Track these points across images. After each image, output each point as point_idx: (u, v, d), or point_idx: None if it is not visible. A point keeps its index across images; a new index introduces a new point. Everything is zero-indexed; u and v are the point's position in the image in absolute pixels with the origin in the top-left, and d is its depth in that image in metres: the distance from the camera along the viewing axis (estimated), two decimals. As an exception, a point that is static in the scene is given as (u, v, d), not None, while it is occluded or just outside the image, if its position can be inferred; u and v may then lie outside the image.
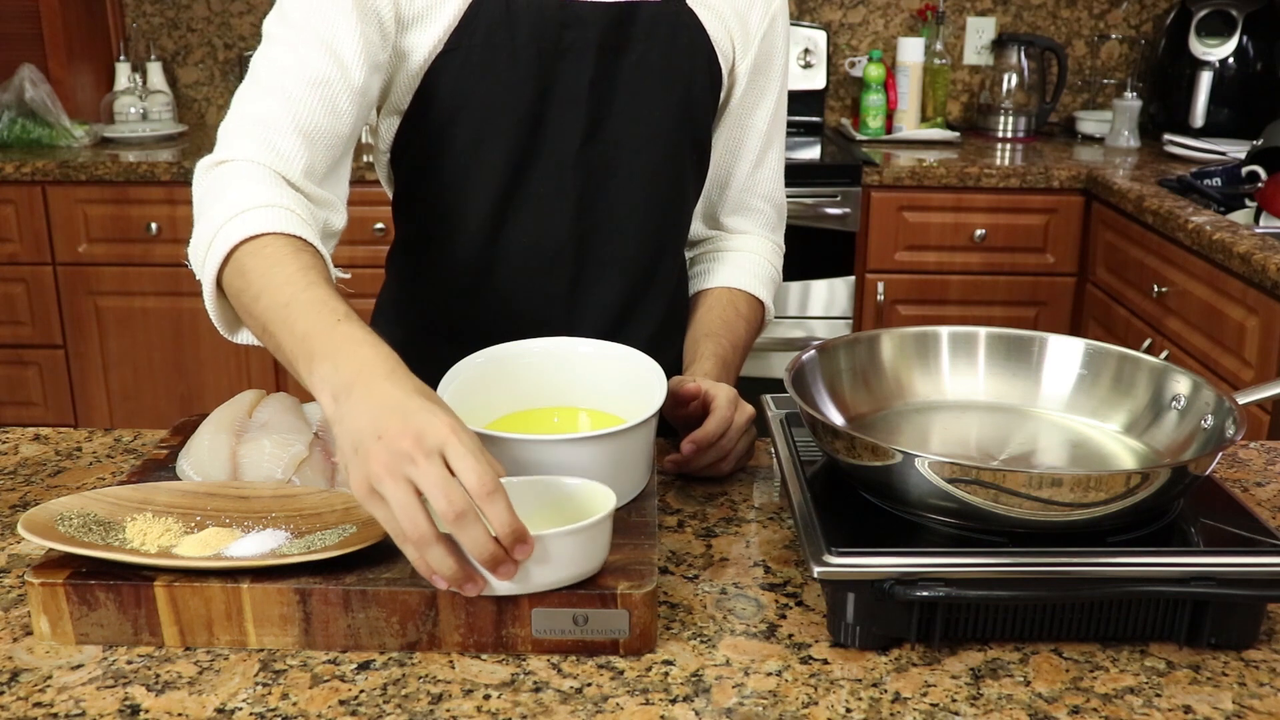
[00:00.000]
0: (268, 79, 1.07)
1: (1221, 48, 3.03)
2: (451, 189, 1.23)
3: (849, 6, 3.40)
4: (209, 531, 0.88)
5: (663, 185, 1.26)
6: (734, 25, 1.24)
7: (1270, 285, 1.99)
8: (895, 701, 0.79)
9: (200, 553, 0.85)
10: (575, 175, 1.21)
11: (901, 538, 0.87)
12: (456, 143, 1.20)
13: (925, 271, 2.90)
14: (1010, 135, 3.28)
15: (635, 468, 0.97)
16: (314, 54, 1.07)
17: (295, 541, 0.87)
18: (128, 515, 0.90)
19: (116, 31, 3.38)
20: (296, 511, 0.91)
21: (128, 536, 0.87)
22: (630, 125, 1.21)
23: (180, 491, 0.94)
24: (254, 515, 0.91)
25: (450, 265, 1.26)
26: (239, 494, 0.94)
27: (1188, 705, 0.79)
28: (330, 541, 0.86)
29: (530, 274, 1.25)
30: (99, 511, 0.90)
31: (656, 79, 1.21)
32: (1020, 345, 1.09)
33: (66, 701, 0.78)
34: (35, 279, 2.92)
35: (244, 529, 0.89)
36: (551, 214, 1.23)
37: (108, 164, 2.82)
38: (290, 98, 1.06)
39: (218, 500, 0.93)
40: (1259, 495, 1.10)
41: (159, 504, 0.92)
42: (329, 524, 0.89)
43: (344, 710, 0.77)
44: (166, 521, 0.89)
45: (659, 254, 1.29)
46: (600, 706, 0.78)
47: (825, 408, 1.03)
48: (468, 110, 1.18)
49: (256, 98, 1.07)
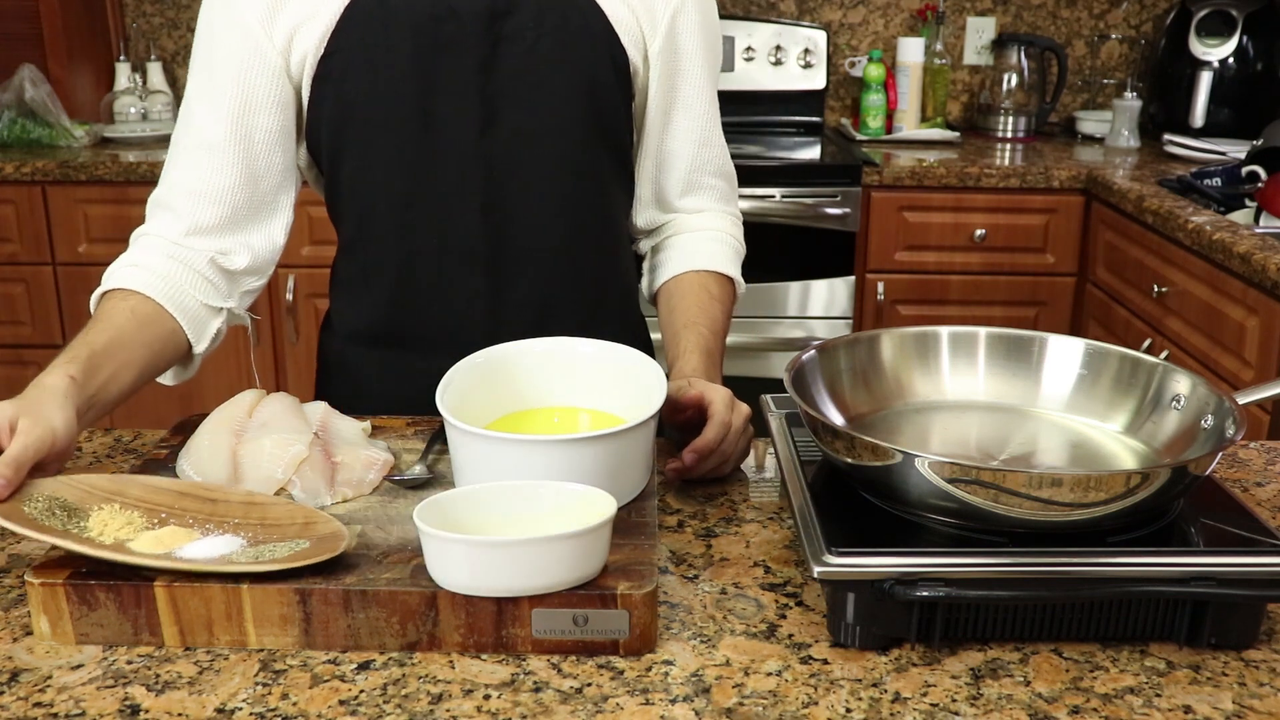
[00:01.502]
0: (169, 155, 1.23)
1: (1221, 48, 3.03)
2: (358, 194, 1.25)
3: (849, 6, 3.40)
4: (167, 530, 0.88)
5: (574, 174, 1.25)
6: (638, 6, 1.23)
7: (1270, 285, 1.99)
8: (895, 701, 0.79)
9: (152, 549, 0.85)
10: (477, 169, 1.21)
11: (901, 538, 0.87)
12: (353, 147, 1.21)
13: (925, 271, 2.90)
14: (1010, 135, 3.28)
15: (635, 468, 0.97)
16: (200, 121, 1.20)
17: (247, 550, 0.87)
18: (95, 504, 0.90)
19: (116, 31, 3.37)
20: (259, 520, 0.92)
21: (89, 525, 0.88)
22: (529, 115, 1.21)
23: (154, 488, 0.94)
24: (216, 519, 0.91)
25: (370, 271, 1.28)
26: (209, 497, 0.94)
27: (1188, 705, 0.79)
28: (280, 554, 0.85)
29: (447, 272, 1.25)
30: (69, 497, 0.91)
31: (552, 66, 1.20)
32: (1020, 345, 1.09)
33: (66, 701, 0.78)
34: (35, 279, 2.92)
35: (204, 531, 0.89)
36: (457, 210, 1.23)
37: (108, 164, 2.82)
38: (178, 166, 1.22)
39: (187, 500, 0.93)
40: (1259, 495, 1.10)
41: (130, 497, 0.92)
42: (286, 536, 0.89)
43: (344, 710, 0.77)
44: (130, 515, 0.90)
45: (578, 245, 1.28)
46: (600, 706, 0.78)
47: (825, 408, 1.03)
48: (355, 113, 1.20)
49: (165, 173, 1.24)
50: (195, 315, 1.18)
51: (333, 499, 0.97)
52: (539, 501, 0.87)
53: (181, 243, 1.20)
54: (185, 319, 1.17)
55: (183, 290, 1.17)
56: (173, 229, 1.20)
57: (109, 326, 1.11)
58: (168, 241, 1.20)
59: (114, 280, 1.16)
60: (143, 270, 1.16)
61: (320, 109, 1.20)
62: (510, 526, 0.87)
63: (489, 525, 0.86)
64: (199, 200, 1.20)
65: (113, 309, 1.14)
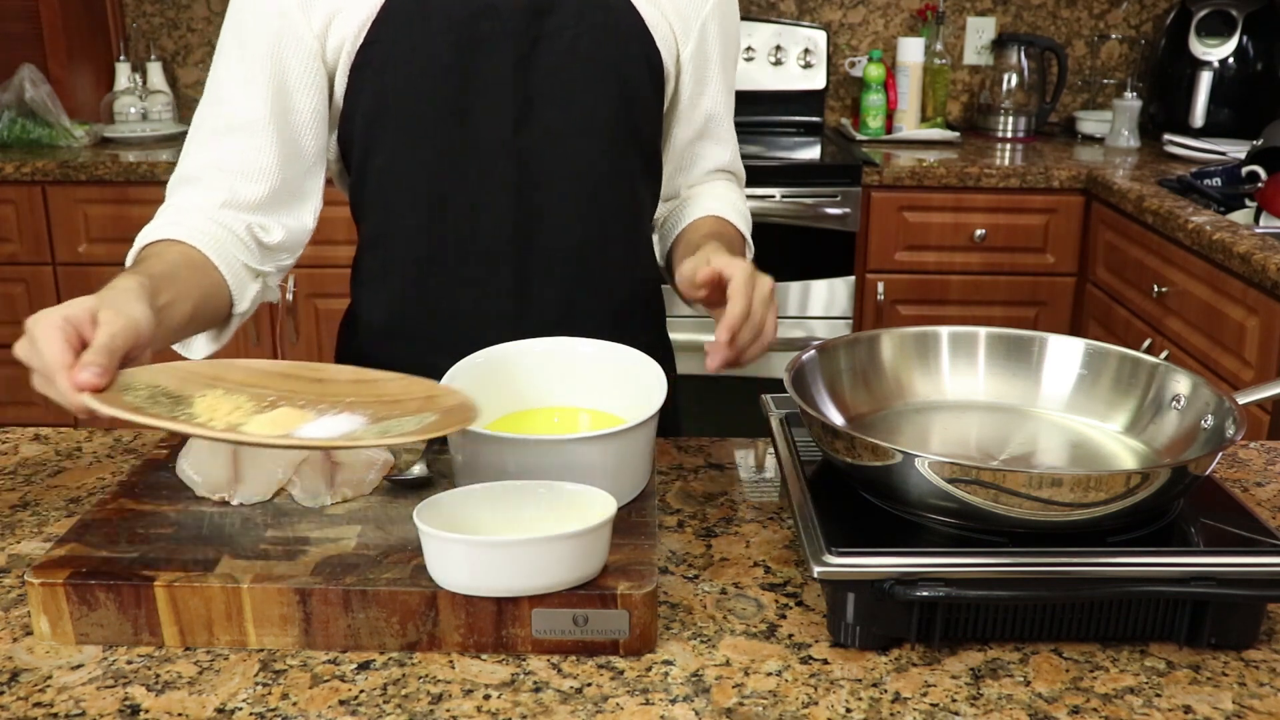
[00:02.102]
0: (194, 136, 1.20)
1: (1221, 48, 3.03)
2: (387, 187, 1.24)
3: (849, 6, 3.40)
4: (281, 411, 0.84)
5: (605, 174, 1.25)
6: (671, 11, 1.24)
7: (1270, 285, 1.99)
8: (895, 701, 0.79)
9: (270, 431, 0.81)
10: (509, 165, 1.21)
11: (901, 538, 0.87)
12: (387, 139, 1.21)
13: (925, 271, 2.90)
14: (1010, 135, 3.28)
15: (635, 468, 0.97)
16: (234, 101, 1.18)
17: (371, 426, 0.83)
18: (197, 390, 0.86)
19: (116, 31, 3.38)
20: (376, 397, 0.87)
21: (196, 412, 0.83)
22: (562, 113, 1.21)
23: (256, 371, 0.89)
24: (330, 399, 0.87)
25: (396, 266, 1.27)
26: (316, 377, 0.89)
27: (1187, 705, 0.79)
28: (409, 428, 0.82)
29: (473, 269, 1.25)
30: (168, 384, 0.86)
31: (588, 66, 1.20)
32: (1020, 345, 1.09)
33: (66, 701, 0.78)
34: (35, 279, 2.92)
35: (318, 411, 0.85)
36: (488, 206, 1.22)
37: (108, 164, 2.82)
38: (207, 147, 1.18)
39: (294, 382, 0.88)
40: (1259, 495, 1.10)
41: (231, 381, 0.88)
42: (409, 411, 0.85)
43: (344, 710, 0.77)
44: (237, 399, 0.85)
45: (605, 245, 1.28)
46: (600, 706, 0.78)
47: (825, 408, 1.03)
48: (392, 105, 1.19)
49: (183, 157, 1.20)
50: (238, 274, 1.14)
51: (333, 499, 0.97)
52: (539, 501, 0.87)
53: (217, 213, 1.15)
54: (230, 275, 1.12)
55: (226, 248, 1.13)
56: (207, 201, 1.16)
57: (161, 262, 1.06)
58: (202, 211, 1.15)
59: (154, 233, 1.11)
60: (185, 226, 1.12)
61: (356, 98, 1.20)
62: (510, 526, 0.87)
63: (489, 525, 0.86)
64: (235, 177, 1.17)
65: (162, 249, 1.09)
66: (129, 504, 0.95)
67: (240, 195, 1.16)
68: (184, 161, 1.20)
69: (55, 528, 1.02)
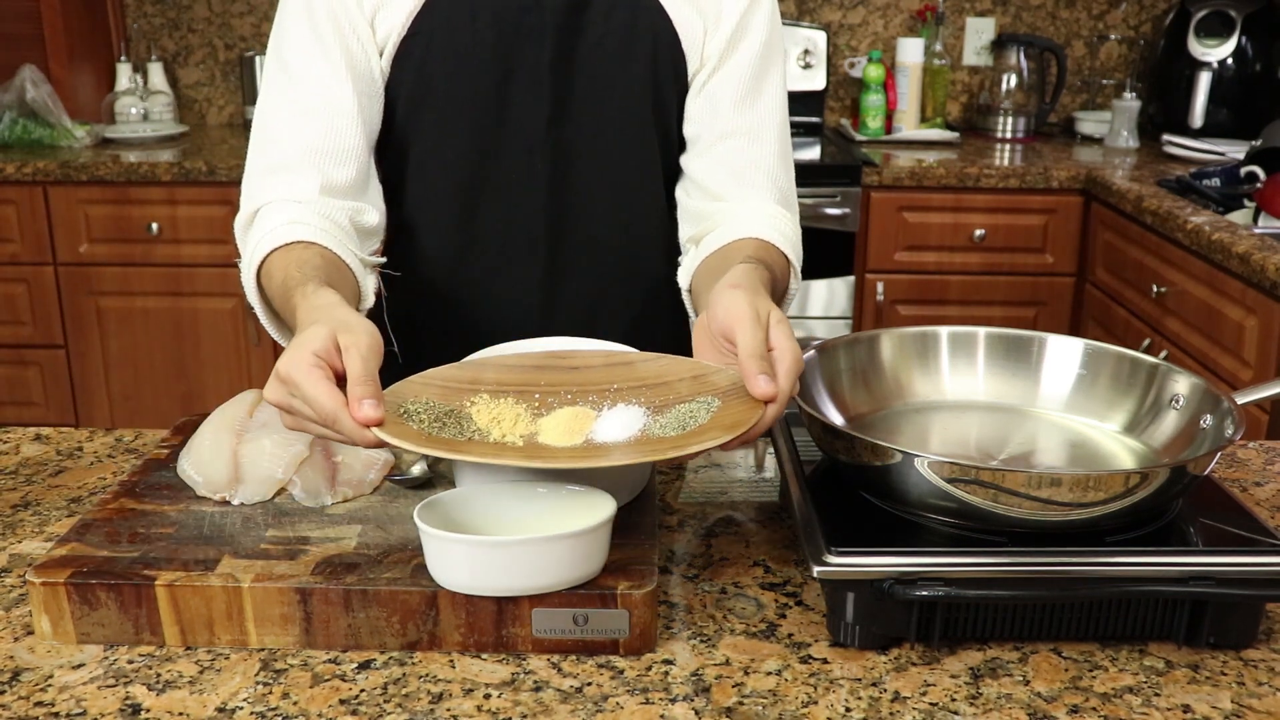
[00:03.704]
0: (271, 121, 1.17)
1: (1220, 48, 3.04)
2: (423, 178, 1.24)
3: (849, 7, 3.41)
4: (564, 413, 0.80)
5: (630, 169, 1.26)
6: (705, 5, 1.22)
7: (1269, 285, 1.99)
8: (895, 701, 0.79)
9: (567, 442, 0.78)
10: (543, 158, 1.22)
11: (901, 538, 0.87)
12: (424, 129, 1.22)
13: (925, 271, 2.90)
14: (1010, 136, 3.28)
15: (636, 468, 0.97)
16: (314, 81, 1.16)
17: (657, 419, 0.79)
18: (465, 400, 0.83)
19: (117, 32, 3.38)
20: (639, 381, 0.82)
21: (479, 426, 0.80)
22: (593, 108, 1.22)
23: (505, 366, 0.85)
24: (594, 388, 0.82)
25: (426, 256, 1.27)
26: (568, 364, 0.85)
27: (1186, 704, 0.79)
28: (701, 419, 0.76)
29: (504, 261, 1.25)
30: (434, 398, 0.83)
31: (615, 62, 1.21)
32: (1020, 345, 1.09)
33: (68, 701, 0.78)
34: (36, 279, 2.92)
35: (593, 406, 0.80)
36: (522, 198, 1.23)
37: (109, 164, 2.82)
38: (291, 128, 1.15)
39: (548, 374, 0.85)
40: (1258, 495, 1.11)
41: (489, 382, 0.85)
42: (683, 395, 0.80)
43: (344, 710, 0.78)
44: (507, 403, 0.81)
45: (633, 239, 1.29)
46: (600, 706, 0.78)
47: (825, 408, 1.03)
48: (433, 95, 1.20)
49: (263, 144, 1.16)
50: (360, 271, 1.10)
51: (333, 499, 0.97)
52: (539, 501, 0.88)
53: (319, 202, 1.12)
54: (357, 271, 1.09)
55: (344, 244, 1.09)
56: (305, 189, 1.12)
57: (322, 268, 1.01)
58: (308, 205, 1.10)
59: (277, 239, 1.06)
60: (307, 226, 1.07)
61: (398, 89, 1.20)
62: (510, 526, 0.87)
63: (489, 525, 0.87)
64: (327, 159, 1.14)
65: (303, 254, 1.03)
66: (130, 504, 0.96)
67: (333, 179, 1.14)
68: (269, 148, 1.15)
69: (56, 527, 1.02)
